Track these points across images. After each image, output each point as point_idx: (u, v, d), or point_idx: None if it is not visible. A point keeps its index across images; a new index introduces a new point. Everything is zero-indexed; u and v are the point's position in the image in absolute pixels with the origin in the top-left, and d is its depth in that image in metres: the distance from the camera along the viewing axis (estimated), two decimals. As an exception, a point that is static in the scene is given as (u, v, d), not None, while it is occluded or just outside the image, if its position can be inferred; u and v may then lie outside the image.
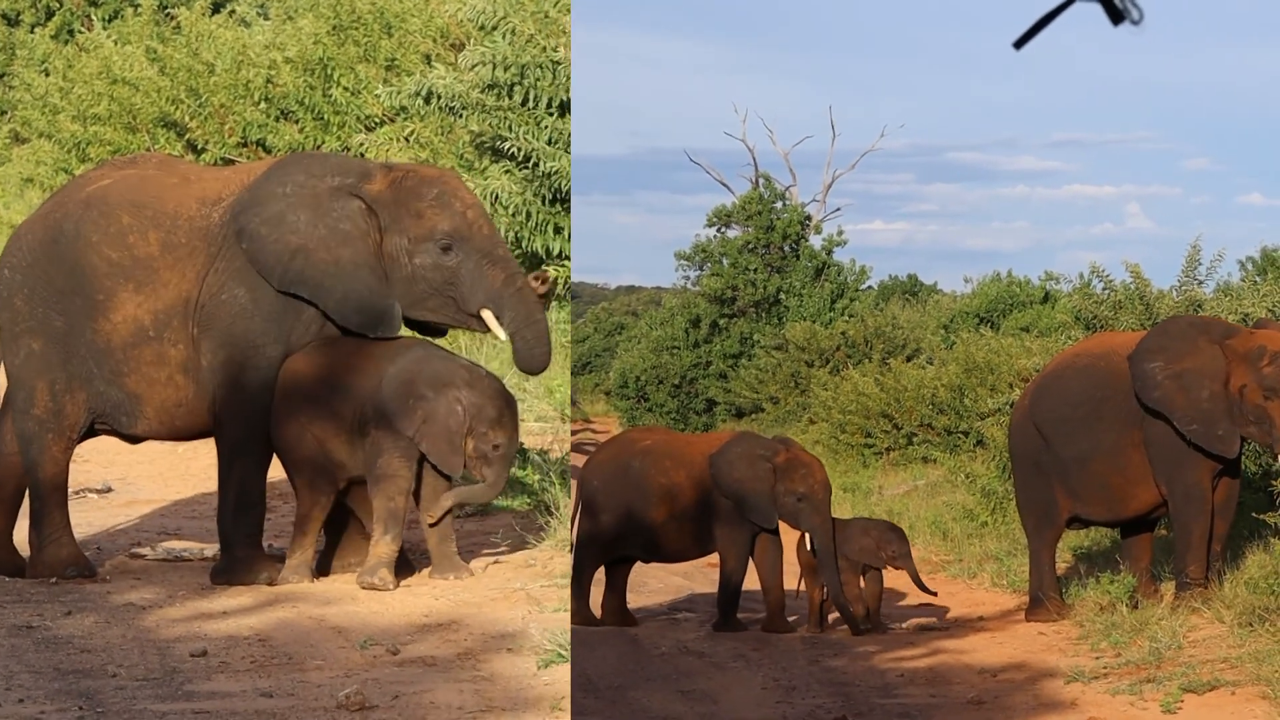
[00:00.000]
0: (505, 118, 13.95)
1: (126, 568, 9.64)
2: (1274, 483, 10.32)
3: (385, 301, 8.97)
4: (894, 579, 10.80)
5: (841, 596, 10.15)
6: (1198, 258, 13.61)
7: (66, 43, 20.10)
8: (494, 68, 13.90)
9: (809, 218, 27.07)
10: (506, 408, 9.04)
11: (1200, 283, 13.58)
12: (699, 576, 12.14)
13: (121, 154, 15.83)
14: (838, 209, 31.28)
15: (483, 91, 13.95)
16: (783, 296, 25.67)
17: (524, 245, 14.10)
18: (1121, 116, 68.18)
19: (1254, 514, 10.30)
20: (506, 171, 14.13)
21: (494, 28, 14.08)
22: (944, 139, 71.28)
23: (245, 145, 16.24)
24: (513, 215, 14.02)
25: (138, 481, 12.46)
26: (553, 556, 9.44)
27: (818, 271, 25.89)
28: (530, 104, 13.96)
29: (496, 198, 13.98)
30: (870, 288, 26.85)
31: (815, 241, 26.44)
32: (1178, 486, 9.76)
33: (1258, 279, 16.34)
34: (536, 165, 13.84)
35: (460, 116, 14.27)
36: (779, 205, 26.65)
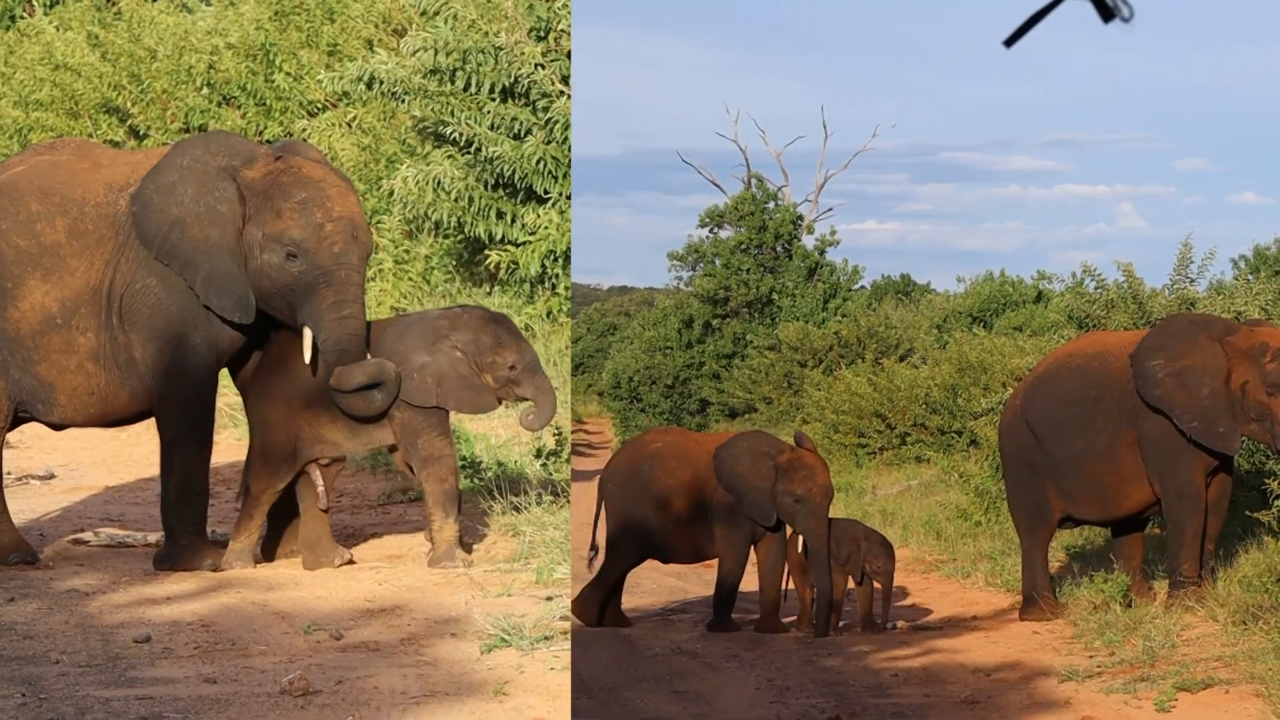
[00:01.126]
0: (447, 103, 14.32)
1: (69, 554, 9.95)
2: (1267, 480, 10.58)
3: (242, 288, 9.33)
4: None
5: (830, 598, 10.44)
6: (1189, 256, 13.86)
7: (8, 29, 20.25)
8: (436, 53, 14.28)
9: (801, 218, 27.30)
10: (499, 327, 9.49)
11: (1192, 281, 13.82)
12: (693, 577, 12.46)
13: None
14: (830, 209, 31.57)
15: (424, 77, 14.32)
16: (775, 296, 25.92)
17: (467, 230, 14.47)
18: (1115, 116, 68.60)
19: (1247, 512, 10.57)
20: (449, 157, 14.48)
21: (436, 13, 14.51)
22: (937, 139, 71.66)
23: (187, 131, 16.56)
24: (455, 200, 14.37)
25: (81, 468, 12.82)
26: (495, 541, 9.76)
27: (810, 271, 26.13)
28: (472, 89, 14.31)
29: (439, 183, 14.33)
30: (863, 288, 27.14)
31: (808, 241, 26.72)
32: (1171, 484, 10.01)
33: (1250, 277, 16.59)
34: (479, 150, 14.17)
35: (402, 102, 14.64)
36: (771, 205, 26.90)
